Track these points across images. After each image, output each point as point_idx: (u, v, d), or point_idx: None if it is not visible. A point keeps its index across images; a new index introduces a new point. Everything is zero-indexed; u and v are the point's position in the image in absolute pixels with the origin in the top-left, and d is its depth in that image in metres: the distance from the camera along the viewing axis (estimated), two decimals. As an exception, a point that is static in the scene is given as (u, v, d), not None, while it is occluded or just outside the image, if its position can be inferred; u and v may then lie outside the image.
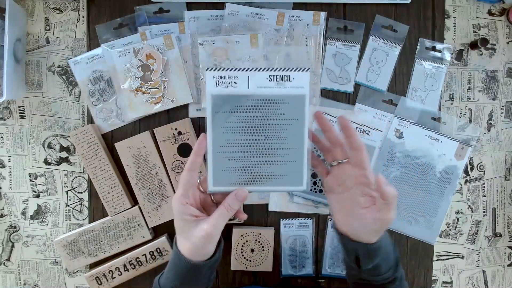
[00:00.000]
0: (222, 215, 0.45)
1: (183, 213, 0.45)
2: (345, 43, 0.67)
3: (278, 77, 0.45)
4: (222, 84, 0.44)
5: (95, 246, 0.66)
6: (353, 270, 0.49)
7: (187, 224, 0.45)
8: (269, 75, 0.45)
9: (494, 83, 0.69)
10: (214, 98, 0.45)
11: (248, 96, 0.45)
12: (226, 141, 0.46)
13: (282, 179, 0.47)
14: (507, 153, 0.70)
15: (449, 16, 0.69)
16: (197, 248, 0.45)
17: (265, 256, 0.66)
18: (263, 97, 0.45)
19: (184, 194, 0.46)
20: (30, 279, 0.70)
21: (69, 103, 0.68)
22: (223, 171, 0.46)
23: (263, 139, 0.46)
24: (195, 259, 0.45)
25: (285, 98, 0.45)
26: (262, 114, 0.45)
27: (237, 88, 0.44)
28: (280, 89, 0.45)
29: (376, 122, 0.66)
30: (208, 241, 0.45)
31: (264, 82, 0.45)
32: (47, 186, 0.69)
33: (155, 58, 0.64)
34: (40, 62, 0.68)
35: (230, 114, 0.45)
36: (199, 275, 0.47)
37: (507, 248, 0.70)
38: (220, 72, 0.44)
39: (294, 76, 0.45)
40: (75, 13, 0.68)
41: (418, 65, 0.67)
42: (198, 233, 0.44)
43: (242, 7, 0.65)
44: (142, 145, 0.64)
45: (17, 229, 0.69)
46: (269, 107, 0.45)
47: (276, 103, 0.45)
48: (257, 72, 0.44)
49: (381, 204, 0.43)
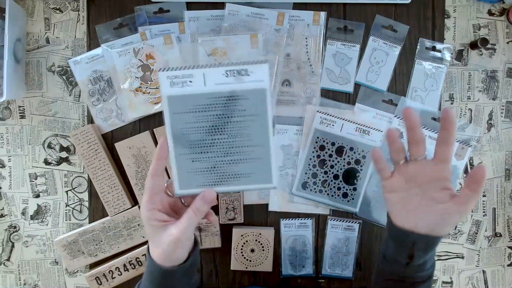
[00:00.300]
0: (190, 219, 0.44)
1: (150, 219, 0.44)
2: (345, 43, 0.67)
3: (235, 71, 0.43)
4: (177, 84, 0.43)
5: (95, 246, 0.66)
6: (398, 266, 0.48)
7: (155, 229, 0.44)
8: (225, 71, 0.42)
9: (494, 83, 0.69)
10: (170, 99, 0.43)
11: (205, 95, 0.43)
12: (187, 142, 0.44)
13: (250, 177, 0.45)
14: (507, 153, 0.70)
15: (449, 16, 0.69)
16: (167, 253, 0.44)
17: (265, 256, 0.66)
18: (221, 94, 0.43)
19: (150, 200, 0.45)
20: (30, 279, 0.70)
21: (69, 103, 0.69)
22: (188, 173, 0.45)
23: (226, 137, 0.44)
24: (167, 264, 0.44)
25: (245, 94, 0.43)
26: (222, 111, 0.43)
27: (193, 87, 0.43)
28: (238, 85, 0.43)
29: (376, 122, 0.66)
30: (177, 246, 0.44)
31: (221, 78, 0.43)
32: (47, 186, 0.69)
33: (155, 58, 0.64)
34: (40, 62, 0.68)
35: (189, 114, 0.43)
36: (174, 281, 0.46)
37: (507, 248, 0.70)
38: (173, 71, 0.42)
39: (252, 69, 0.42)
40: (75, 13, 0.68)
41: (418, 65, 0.67)
42: (166, 238, 0.43)
43: (242, 7, 0.65)
44: (142, 145, 0.64)
45: (17, 229, 0.69)
46: (228, 104, 0.43)
47: (236, 99, 0.43)
48: (212, 69, 0.42)
49: (468, 196, 0.43)
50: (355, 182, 0.65)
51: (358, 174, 0.65)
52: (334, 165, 0.65)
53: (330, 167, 0.65)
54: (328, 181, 0.65)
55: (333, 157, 0.65)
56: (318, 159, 0.65)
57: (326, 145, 0.65)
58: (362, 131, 0.65)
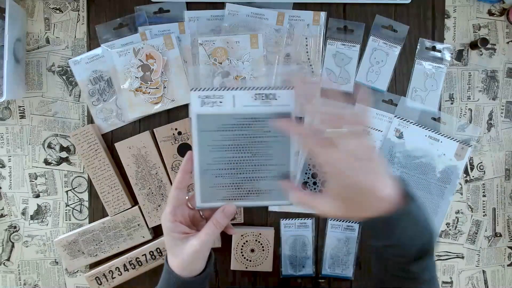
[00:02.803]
0: (211, 231, 0.46)
1: (172, 230, 0.46)
2: (345, 43, 0.67)
3: (264, 95, 0.45)
4: (207, 104, 0.45)
5: (95, 246, 0.66)
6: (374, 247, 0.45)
7: (176, 241, 0.46)
8: (254, 94, 0.45)
9: (494, 83, 0.69)
10: (199, 117, 0.45)
11: (233, 115, 0.45)
12: (212, 159, 0.46)
13: (269, 194, 0.48)
14: (507, 153, 0.70)
15: (449, 16, 0.69)
16: (187, 264, 0.45)
17: (265, 256, 0.66)
18: (249, 115, 0.45)
19: (172, 212, 0.46)
20: (30, 279, 0.70)
21: (69, 103, 0.68)
22: (211, 187, 0.47)
23: (249, 156, 0.46)
24: (185, 275, 0.46)
25: (271, 116, 0.45)
26: (248, 132, 0.46)
27: (222, 107, 0.45)
28: (265, 107, 0.45)
29: (376, 122, 0.66)
30: (197, 257, 0.45)
31: (249, 101, 0.45)
32: (47, 186, 0.69)
33: (155, 58, 0.64)
34: (40, 62, 0.68)
35: (216, 132, 0.46)
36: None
37: (507, 248, 0.70)
38: (205, 92, 0.45)
39: (279, 94, 0.45)
40: (75, 13, 0.68)
41: (418, 65, 0.67)
42: (187, 250, 0.45)
43: (242, 7, 0.65)
44: (142, 145, 0.64)
45: (17, 229, 0.69)
46: (254, 125, 0.46)
47: (262, 121, 0.45)
48: (243, 91, 0.45)
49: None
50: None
51: (358, 174, 0.65)
52: (334, 165, 0.65)
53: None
54: (328, 181, 0.65)
55: (333, 157, 0.65)
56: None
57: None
58: (362, 131, 0.65)
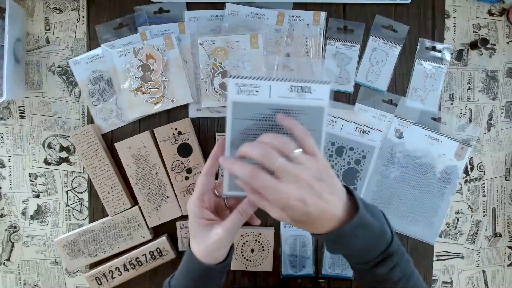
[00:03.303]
0: (236, 220, 0.45)
1: (198, 216, 0.46)
2: (345, 43, 0.67)
3: (300, 88, 0.45)
4: (243, 92, 0.45)
5: (95, 246, 0.66)
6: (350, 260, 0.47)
7: (201, 227, 0.46)
8: (290, 86, 0.45)
9: (494, 83, 0.69)
10: (235, 105, 0.45)
11: (268, 105, 0.45)
12: None
13: None
14: (507, 153, 0.70)
15: (449, 16, 0.69)
16: (210, 251, 0.45)
17: (265, 256, 0.66)
18: (283, 107, 0.45)
19: (200, 198, 0.46)
20: (30, 279, 0.70)
21: (69, 103, 0.68)
22: None
23: None
24: (207, 262, 0.46)
25: (305, 109, 0.45)
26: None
27: (258, 97, 0.45)
28: (300, 100, 0.45)
29: (376, 122, 0.66)
30: (221, 245, 0.45)
31: (285, 92, 0.45)
32: (47, 186, 0.69)
33: (155, 58, 0.64)
34: (40, 62, 0.68)
35: (250, 121, 0.45)
36: (210, 278, 0.47)
37: (507, 248, 0.70)
38: (243, 80, 0.44)
39: (315, 88, 0.45)
40: (75, 13, 0.68)
41: (418, 65, 0.67)
42: (212, 237, 0.45)
43: (242, 7, 0.65)
44: (142, 145, 0.64)
45: (17, 229, 0.69)
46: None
47: (296, 113, 0.45)
48: (279, 82, 0.45)
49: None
50: (355, 182, 0.65)
51: (358, 174, 0.65)
52: (334, 165, 0.65)
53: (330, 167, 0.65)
54: (328, 181, 0.65)
55: (333, 157, 0.65)
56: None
57: (326, 145, 0.65)
58: (362, 131, 0.65)
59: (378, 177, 0.66)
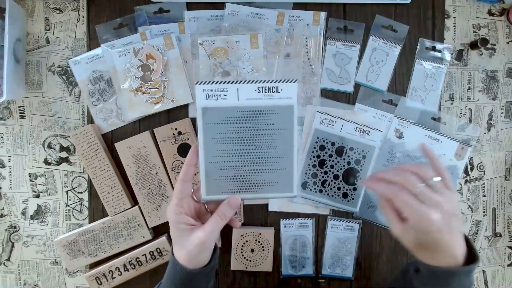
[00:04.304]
0: (216, 223, 0.46)
1: (178, 222, 0.46)
2: (345, 43, 0.67)
3: (267, 88, 0.46)
4: (212, 97, 0.46)
5: (95, 246, 0.66)
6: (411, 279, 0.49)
7: (182, 232, 0.46)
8: (257, 87, 0.46)
9: (494, 83, 0.69)
10: (204, 110, 0.46)
11: (237, 108, 0.46)
12: (217, 151, 0.47)
13: (273, 186, 0.48)
14: (507, 153, 0.70)
15: (449, 16, 0.69)
16: (193, 255, 0.46)
17: (265, 256, 0.66)
18: (252, 108, 0.46)
19: (178, 204, 0.47)
20: (30, 279, 0.70)
21: (69, 103, 0.68)
22: (216, 180, 0.48)
23: (253, 148, 0.47)
24: (191, 266, 0.46)
25: (274, 109, 0.46)
26: (252, 124, 0.47)
27: (227, 101, 0.46)
28: (268, 100, 0.46)
29: (376, 122, 0.66)
30: (203, 248, 0.46)
31: (253, 94, 0.46)
32: (47, 186, 0.69)
33: (155, 58, 0.64)
34: (40, 62, 0.68)
35: (221, 125, 0.46)
36: (195, 283, 0.48)
37: (507, 248, 0.70)
38: (210, 85, 0.46)
39: (282, 87, 0.46)
40: (75, 13, 0.68)
41: (418, 65, 0.67)
42: (193, 241, 0.45)
43: (242, 7, 0.65)
44: (142, 145, 0.64)
45: (17, 229, 0.69)
46: (258, 117, 0.47)
47: (265, 113, 0.46)
48: (246, 85, 0.46)
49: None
50: (355, 182, 0.65)
51: (358, 174, 0.65)
52: (334, 165, 0.65)
53: (330, 167, 0.65)
54: (328, 181, 0.65)
55: (333, 157, 0.65)
56: (318, 159, 0.65)
57: (326, 145, 0.65)
58: (362, 131, 0.65)
59: (378, 177, 0.66)
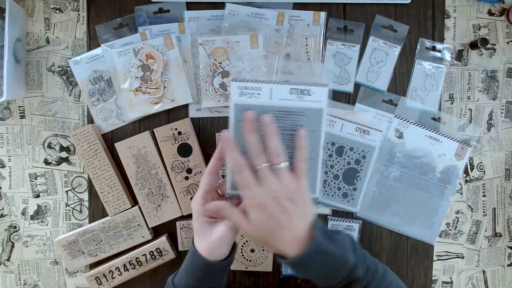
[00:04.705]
0: (239, 218, 0.46)
1: (201, 213, 0.47)
2: (345, 43, 0.67)
3: (299, 90, 0.47)
4: (245, 95, 0.47)
5: (95, 246, 0.66)
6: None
7: (205, 224, 0.47)
8: (290, 88, 0.47)
9: (494, 83, 0.69)
10: (237, 107, 0.47)
11: (269, 107, 0.47)
12: (245, 147, 0.47)
13: None
14: (507, 153, 0.70)
15: (449, 16, 0.69)
16: (213, 248, 0.47)
17: (265, 256, 0.66)
18: (284, 108, 0.47)
19: (204, 196, 0.48)
20: (30, 279, 0.70)
21: (69, 103, 0.69)
22: None
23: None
24: (210, 258, 0.47)
25: (304, 111, 0.47)
26: (282, 124, 0.47)
27: (259, 99, 0.47)
28: (299, 102, 0.47)
29: (376, 122, 0.66)
30: (224, 242, 0.47)
31: (285, 94, 0.47)
32: (47, 186, 0.69)
33: (155, 58, 0.64)
34: (40, 62, 0.68)
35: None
36: (213, 275, 0.48)
37: (507, 248, 0.70)
38: (245, 83, 0.47)
39: (314, 90, 0.47)
40: (75, 13, 0.68)
41: (418, 65, 0.67)
42: (215, 234, 0.46)
43: (242, 7, 0.65)
44: (142, 145, 0.64)
45: (17, 229, 0.69)
46: (288, 118, 0.47)
47: (295, 115, 0.47)
48: (279, 85, 0.47)
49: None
50: (355, 182, 0.65)
51: (358, 174, 0.65)
52: (334, 165, 0.65)
53: (330, 167, 0.65)
54: (328, 181, 0.65)
55: (333, 157, 0.65)
56: (318, 159, 0.65)
57: (326, 145, 0.65)
58: (362, 131, 0.65)
59: (378, 177, 0.66)
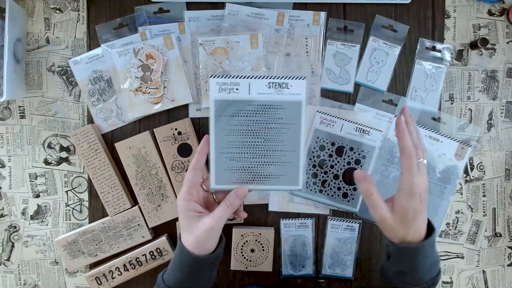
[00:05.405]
0: (224, 211, 0.48)
1: (187, 209, 0.48)
2: (345, 43, 0.67)
3: (277, 84, 0.48)
4: (224, 90, 0.48)
5: (95, 246, 0.66)
6: (386, 270, 0.53)
7: (190, 219, 0.48)
8: (268, 82, 0.48)
9: (494, 83, 0.69)
10: (217, 103, 0.48)
11: (248, 102, 0.48)
12: (227, 142, 0.49)
13: (280, 179, 0.50)
14: (507, 153, 0.70)
15: (449, 16, 0.69)
16: (200, 241, 0.48)
17: (265, 256, 0.66)
18: (263, 102, 0.48)
19: (188, 191, 0.49)
20: (30, 279, 0.70)
21: (69, 103, 0.69)
22: (225, 170, 0.49)
23: (262, 141, 0.49)
24: (197, 252, 0.48)
25: (283, 104, 0.48)
26: (262, 118, 0.48)
27: (239, 94, 0.48)
28: (278, 96, 0.48)
29: (376, 122, 0.66)
30: (210, 235, 0.48)
31: (264, 89, 0.48)
32: (47, 186, 0.69)
33: (155, 58, 0.64)
34: (40, 62, 0.68)
35: (232, 118, 0.48)
36: (201, 269, 0.49)
37: (507, 248, 0.70)
38: (223, 79, 0.48)
39: (291, 83, 0.48)
40: (75, 13, 0.68)
41: (418, 65, 0.67)
42: (201, 227, 0.47)
43: (242, 7, 0.65)
44: (142, 145, 0.64)
45: (17, 229, 0.69)
46: (268, 112, 0.48)
47: (275, 108, 0.48)
48: (258, 80, 0.48)
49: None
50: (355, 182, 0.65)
51: (358, 174, 0.65)
52: (334, 165, 0.65)
53: (330, 167, 0.65)
54: (328, 181, 0.65)
55: (333, 157, 0.65)
56: (318, 159, 0.65)
57: (326, 145, 0.65)
58: (362, 131, 0.65)
59: (378, 177, 0.66)
